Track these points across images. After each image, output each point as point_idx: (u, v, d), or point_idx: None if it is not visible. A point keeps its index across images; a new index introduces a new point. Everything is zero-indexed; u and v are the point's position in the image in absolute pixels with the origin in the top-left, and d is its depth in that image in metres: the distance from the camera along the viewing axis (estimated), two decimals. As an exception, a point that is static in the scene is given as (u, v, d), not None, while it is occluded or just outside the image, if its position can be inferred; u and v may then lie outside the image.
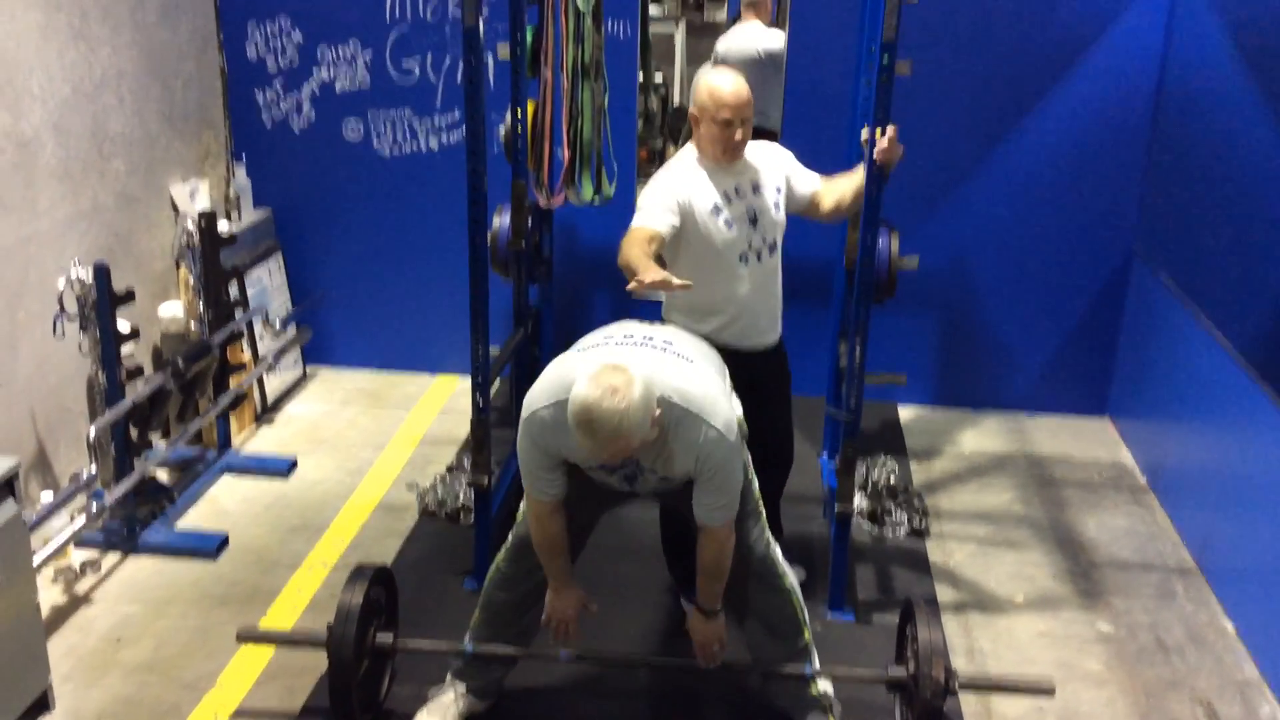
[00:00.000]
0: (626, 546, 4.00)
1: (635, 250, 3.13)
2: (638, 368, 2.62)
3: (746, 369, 3.45)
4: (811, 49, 4.97)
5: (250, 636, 3.26)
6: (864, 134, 3.41)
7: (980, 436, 5.19)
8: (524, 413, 2.78)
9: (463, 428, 4.88)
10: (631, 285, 2.89)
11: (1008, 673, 3.45)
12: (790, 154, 3.58)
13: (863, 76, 3.94)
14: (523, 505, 2.99)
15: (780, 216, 3.46)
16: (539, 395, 2.76)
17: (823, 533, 4.18)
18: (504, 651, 3.17)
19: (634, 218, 3.31)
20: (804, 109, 5.00)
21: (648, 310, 3.28)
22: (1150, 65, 4.86)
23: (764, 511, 3.08)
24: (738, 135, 3.31)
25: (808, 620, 3.12)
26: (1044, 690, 3.07)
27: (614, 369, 2.59)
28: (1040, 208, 5.11)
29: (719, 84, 3.29)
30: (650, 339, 2.85)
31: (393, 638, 3.21)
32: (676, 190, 3.32)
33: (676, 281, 2.91)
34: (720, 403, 2.76)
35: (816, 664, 3.14)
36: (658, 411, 2.62)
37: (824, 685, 3.15)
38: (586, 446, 2.60)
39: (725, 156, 3.34)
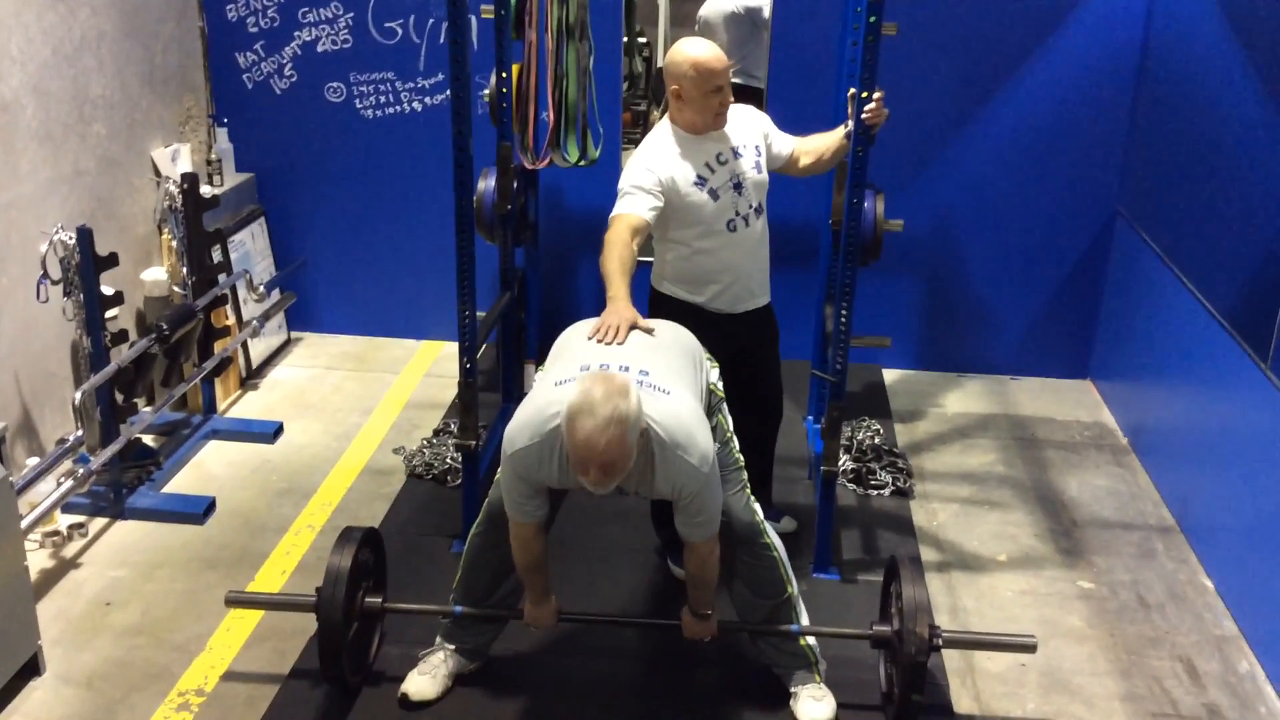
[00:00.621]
0: (614, 508, 4.01)
1: (614, 261, 3.12)
2: None
3: (739, 332, 3.46)
4: (798, 9, 4.94)
5: (239, 600, 3.26)
6: (850, 93, 3.41)
7: (964, 398, 5.22)
8: (506, 449, 2.77)
9: (448, 392, 4.88)
10: (593, 338, 2.93)
11: (990, 630, 3.50)
12: (766, 116, 3.57)
13: (849, 37, 3.93)
14: (498, 474, 2.98)
15: (763, 176, 3.46)
16: (520, 431, 2.75)
17: (808, 494, 4.21)
18: (491, 613, 3.19)
19: (616, 203, 3.30)
20: (791, 70, 4.98)
21: (637, 281, 3.24)
22: (1134, 28, 4.85)
23: (746, 473, 3.09)
24: (726, 100, 3.30)
25: (793, 578, 3.15)
26: (1026, 647, 3.10)
27: (605, 377, 2.61)
28: (1024, 170, 5.11)
29: (699, 54, 3.27)
30: (625, 369, 2.79)
31: (381, 600, 3.23)
32: (657, 169, 3.31)
33: (643, 323, 2.99)
34: (696, 433, 2.74)
35: (804, 620, 3.17)
36: (644, 425, 2.63)
37: (810, 641, 3.18)
38: (583, 446, 2.55)
39: (716, 123, 3.34)
